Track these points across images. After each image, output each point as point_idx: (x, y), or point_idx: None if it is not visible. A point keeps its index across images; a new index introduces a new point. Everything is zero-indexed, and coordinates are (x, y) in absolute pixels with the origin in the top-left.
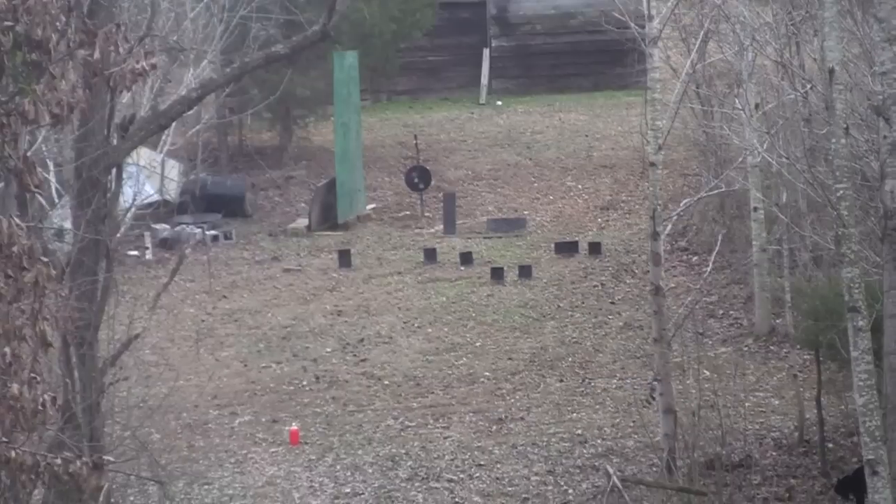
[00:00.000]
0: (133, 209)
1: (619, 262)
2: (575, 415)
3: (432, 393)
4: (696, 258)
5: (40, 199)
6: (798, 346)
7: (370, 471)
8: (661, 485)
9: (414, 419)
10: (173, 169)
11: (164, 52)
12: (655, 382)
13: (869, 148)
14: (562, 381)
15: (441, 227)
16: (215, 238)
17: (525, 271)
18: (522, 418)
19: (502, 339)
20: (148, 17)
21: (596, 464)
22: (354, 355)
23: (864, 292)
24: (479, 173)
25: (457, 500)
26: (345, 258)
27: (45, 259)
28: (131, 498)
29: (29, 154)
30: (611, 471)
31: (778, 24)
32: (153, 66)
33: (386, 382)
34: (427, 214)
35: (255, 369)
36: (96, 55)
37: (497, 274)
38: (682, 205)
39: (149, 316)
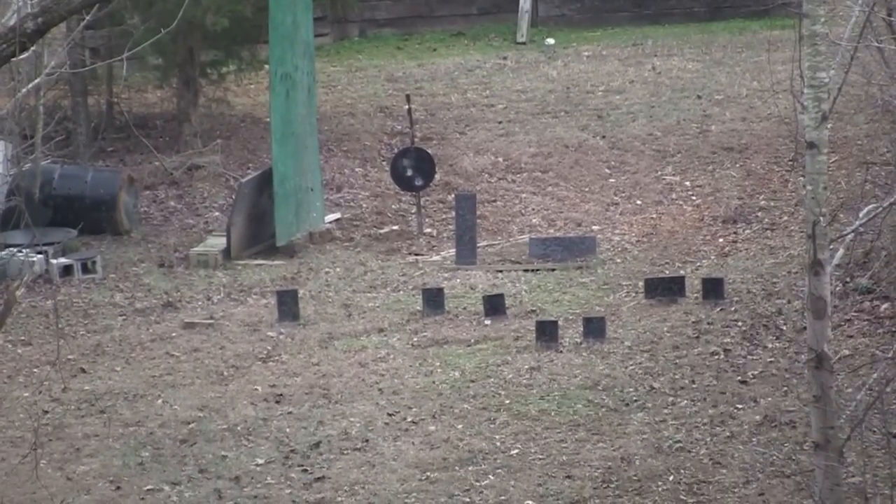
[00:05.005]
0: None
1: (755, 312)
2: None
3: None
4: (886, 306)
5: None
6: None
7: None
8: None
9: None
10: None
11: None
12: None
13: None
14: None
15: (452, 251)
16: (67, 270)
17: (594, 328)
18: None
19: (556, 444)
20: None
21: None
22: (304, 471)
23: None
24: (517, 161)
25: None
26: (288, 305)
27: None
28: None
29: None
30: None
31: None
32: None
33: None
34: (428, 230)
35: (133, 495)
36: None
37: (547, 332)
38: (862, 215)
39: None
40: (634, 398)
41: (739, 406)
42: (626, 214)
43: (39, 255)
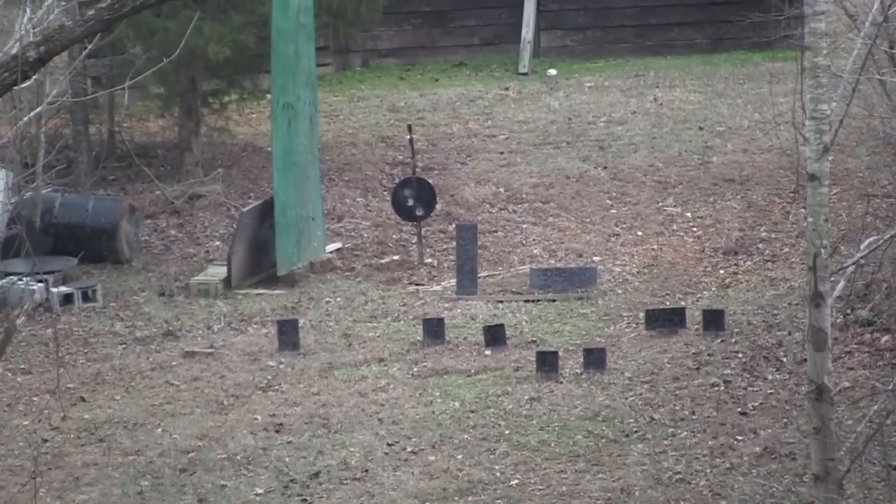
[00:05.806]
0: None
1: (756, 343)
2: None
3: None
4: (886, 338)
5: None
6: None
7: None
8: None
9: None
10: None
11: None
12: None
13: None
14: None
15: (453, 281)
16: (68, 298)
17: (595, 359)
18: None
19: (556, 475)
20: None
21: None
22: (304, 500)
23: None
24: (518, 192)
25: None
26: (289, 335)
27: None
28: None
29: None
30: None
31: None
32: None
33: None
34: (429, 260)
35: None
36: None
37: (547, 362)
38: (863, 247)
39: None
40: (634, 429)
41: (739, 437)
42: (627, 245)
43: (40, 284)
